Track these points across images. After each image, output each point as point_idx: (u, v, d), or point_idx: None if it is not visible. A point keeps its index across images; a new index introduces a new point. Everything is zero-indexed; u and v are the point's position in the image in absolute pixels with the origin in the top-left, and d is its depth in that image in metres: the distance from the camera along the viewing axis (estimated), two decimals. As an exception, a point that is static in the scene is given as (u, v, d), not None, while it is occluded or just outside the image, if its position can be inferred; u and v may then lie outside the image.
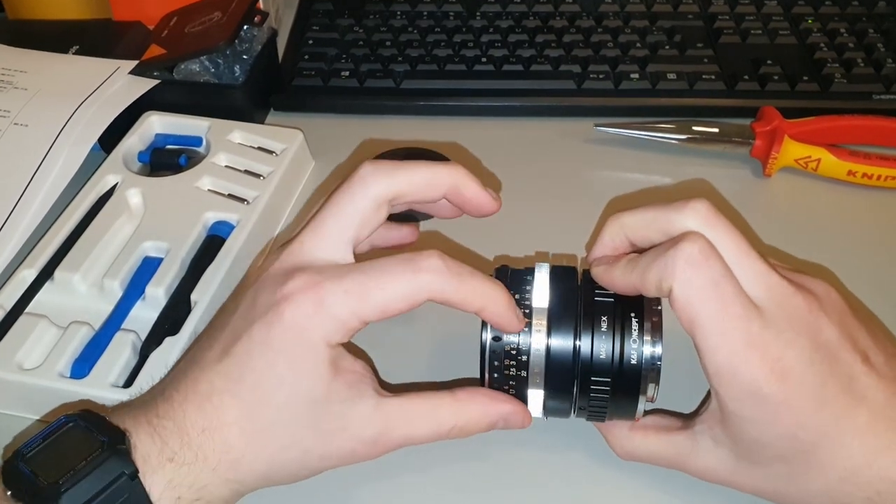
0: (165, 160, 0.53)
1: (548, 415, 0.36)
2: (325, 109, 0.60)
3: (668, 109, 0.59)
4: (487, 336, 0.35)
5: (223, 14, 0.58)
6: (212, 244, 0.47)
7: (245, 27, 0.58)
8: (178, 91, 0.57)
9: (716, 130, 0.55)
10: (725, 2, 0.67)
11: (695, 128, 0.56)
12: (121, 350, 0.41)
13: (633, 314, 0.34)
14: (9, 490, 0.30)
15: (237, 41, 0.57)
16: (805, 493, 0.34)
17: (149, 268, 0.45)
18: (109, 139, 0.53)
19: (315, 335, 0.32)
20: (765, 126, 0.55)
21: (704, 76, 0.60)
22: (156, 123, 0.55)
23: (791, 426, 0.32)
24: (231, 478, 0.33)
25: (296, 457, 0.33)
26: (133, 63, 0.57)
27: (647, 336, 0.34)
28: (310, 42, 0.64)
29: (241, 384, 0.33)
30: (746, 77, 0.60)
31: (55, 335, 0.42)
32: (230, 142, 0.53)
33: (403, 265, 0.33)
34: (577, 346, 0.34)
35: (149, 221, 0.48)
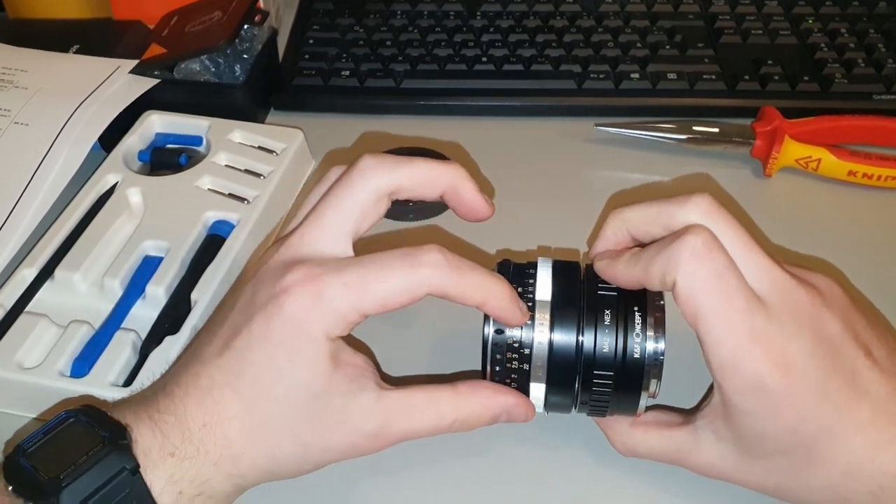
0: (166, 159, 0.53)
1: (549, 409, 0.36)
2: (326, 109, 0.60)
3: (669, 109, 0.59)
4: (490, 329, 0.35)
5: (223, 13, 0.58)
6: (212, 243, 0.47)
7: (245, 26, 0.58)
8: (179, 90, 0.57)
9: (716, 130, 0.55)
10: (726, 2, 0.67)
11: (695, 128, 0.56)
12: (121, 349, 0.41)
13: (637, 309, 0.34)
14: (10, 485, 0.30)
15: (237, 40, 0.57)
16: (807, 489, 0.34)
17: (149, 267, 0.45)
18: (110, 138, 0.53)
19: (314, 328, 0.32)
20: (765, 126, 0.55)
21: (705, 76, 0.60)
22: (156, 123, 0.55)
23: (793, 420, 0.32)
24: (233, 472, 0.33)
25: (296, 450, 0.33)
26: (133, 62, 0.57)
27: (651, 331, 0.34)
28: (310, 41, 0.64)
29: (241, 378, 0.33)
30: (747, 77, 0.60)
31: (55, 334, 0.42)
32: (230, 141, 0.53)
33: (403, 259, 0.33)
34: (581, 341, 0.34)
35: (149, 221, 0.48)
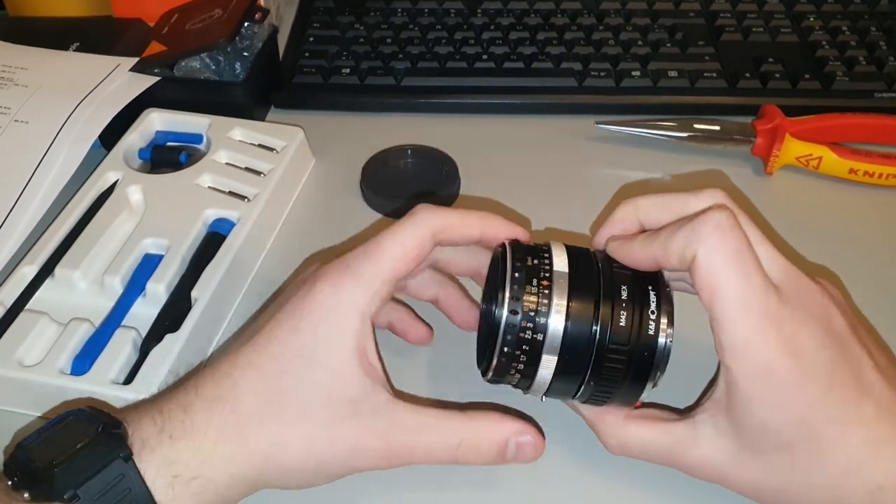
0: (166, 157, 0.53)
1: (551, 393, 0.35)
2: (326, 107, 0.60)
3: (670, 107, 0.58)
4: (504, 311, 0.34)
5: (224, 11, 0.58)
6: (212, 241, 0.47)
7: (246, 24, 0.58)
8: (179, 88, 0.57)
9: (717, 128, 0.55)
10: (727, -1, 0.67)
11: (696, 125, 0.56)
12: (121, 347, 0.41)
13: (652, 289, 0.34)
14: (9, 480, 0.31)
15: (238, 38, 0.57)
16: (807, 487, 0.33)
17: (149, 265, 0.45)
18: (110, 136, 0.53)
19: (344, 299, 0.34)
20: (766, 124, 0.55)
21: (706, 74, 0.60)
22: (156, 120, 0.55)
23: (799, 409, 0.32)
24: (234, 451, 0.33)
25: (303, 434, 0.33)
26: (133, 60, 0.56)
27: (665, 319, 0.34)
28: (310, 39, 0.64)
29: (264, 354, 0.34)
30: (748, 75, 0.60)
31: (56, 332, 0.42)
32: (231, 139, 0.53)
33: (403, 219, 0.36)
34: (597, 315, 0.34)
35: (149, 218, 0.48)
